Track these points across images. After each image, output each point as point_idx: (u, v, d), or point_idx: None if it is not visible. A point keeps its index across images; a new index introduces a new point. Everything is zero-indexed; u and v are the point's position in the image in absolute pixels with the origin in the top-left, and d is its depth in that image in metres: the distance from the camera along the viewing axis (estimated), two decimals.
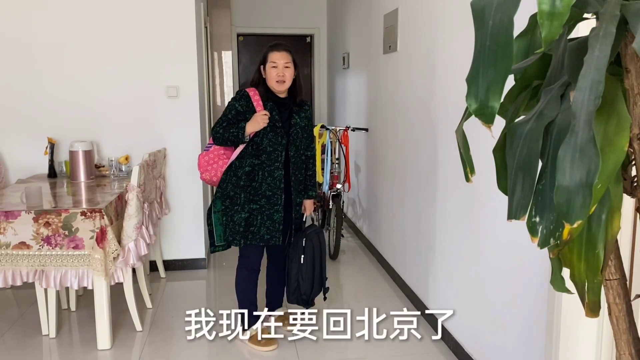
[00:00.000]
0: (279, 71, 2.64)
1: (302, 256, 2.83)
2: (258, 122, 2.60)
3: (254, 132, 2.62)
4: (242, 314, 2.84)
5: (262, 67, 2.70)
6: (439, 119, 2.87)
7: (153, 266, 3.89)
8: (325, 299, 3.02)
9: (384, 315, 3.23)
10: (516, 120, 0.98)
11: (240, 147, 2.68)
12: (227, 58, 5.56)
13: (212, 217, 2.73)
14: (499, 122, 1.08)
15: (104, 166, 3.68)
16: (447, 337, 2.81)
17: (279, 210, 2.71)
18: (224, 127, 2.64)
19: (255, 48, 6.45)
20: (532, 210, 0.91)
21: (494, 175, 1.09)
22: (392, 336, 2.94)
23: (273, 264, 2.97)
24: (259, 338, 2.82)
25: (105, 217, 2.64)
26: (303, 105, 2.80)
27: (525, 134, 0.91)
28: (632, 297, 1.04)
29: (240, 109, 2.65)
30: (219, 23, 5.44)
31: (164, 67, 3.76)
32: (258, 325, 2.86)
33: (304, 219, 2.96)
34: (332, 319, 3.18)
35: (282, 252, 2.89)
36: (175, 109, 3.82)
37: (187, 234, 3.99)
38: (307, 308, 2.86)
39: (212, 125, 2.84)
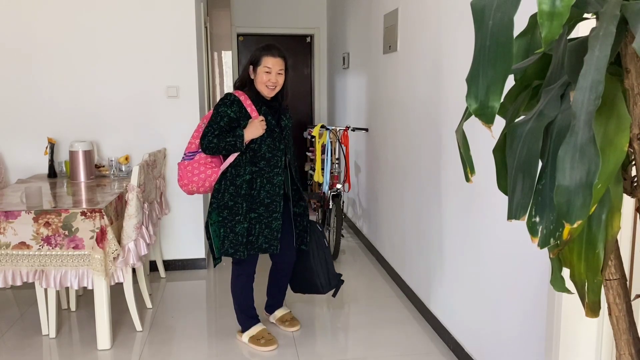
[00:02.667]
0: (272, 77, 2.58)
1: (324, 239, 2.93)
2: (257, 128, 2.53)
3: (250, 139, 2.56)
4: (242, 317, 2.85)
5: (251, 67, 2.63)
6: (439, 119, 2.87)
7: (153, 266, 3.89)
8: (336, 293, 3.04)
9: (384, 315, 3.24)
10: (516, 120, 0.98)
11: (234, 155, 2.59)
12: (227, 58, 5.56)
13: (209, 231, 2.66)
14: (499, 122, 1.08)
15: (104, 166, 3.68)
16: (447, 337, 2.81)
17: (277, 218, 2.66)
18: (218, 136, 2.53)
19: (255, 48, 6.45)
20: (532, 210, 0.91)
21: (494, 175, 1.09)
22: (392, 336, 2.95)
23: (277, 266, 2.93)
24: (259, 338, 2.82)
25: (105, 217, 2.64)
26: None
27: (525, 134, 0.91)
28: (632, 297, 1.04)
29: (233, 115, 2.55)
30: (219, 23, 5.44)
31: (164, 66, 3.76)
32: (258, 326, 2.86)
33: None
34: (332, 318, 3.19)
35: (287, 255, 2.87)
36: (175, 109, 3.82)
37: (187, 234, 3.99)
38: (337, 292, 2.97)
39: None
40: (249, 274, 2.80)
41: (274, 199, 2.64)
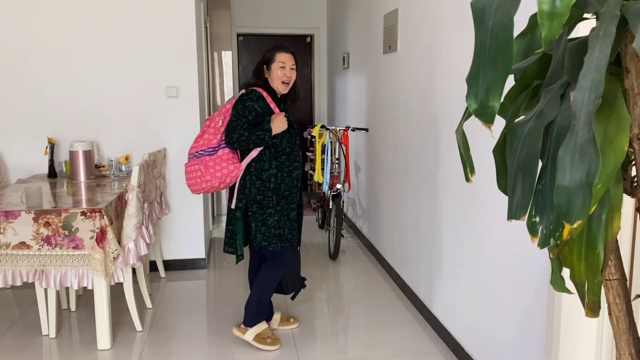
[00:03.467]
0: (287, 72, 2.65)
1: (298, 246, 2.97)
2: (282, 123, 2.60)
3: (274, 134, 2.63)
4: (257, 311, 2.82)
5: (265, 67, 2.68)
6: (439, 119, 2.87)
7: (153, 266, 3.89)
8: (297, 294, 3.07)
9: (384, 315, 3.24)
10: (516, 120, 0.98)
11: (257, 150, 2.63)
12: (227, 58, 5.56)
13: (236, 226, 2.68)
14: (499, 122, 1.08)
15: (104, 166, 3.68)
16: (447, 337, 2.81)
17: (294, 209, 2.75)
18: (248, 130, 2.57)
19: (255, 48, 6.45)
20: (532, 210, 0.91)
21: (494, 175, 1.09)
22: (392, 336, 2.95)
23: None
24: (265, 337, 2.82)
25: (105, 217, 2.64)
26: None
27: (525, 134, 0.91)
28: (632, 297, 1.04)
29: (259, 110, 2.60)
30: (219, 23, 5.44)
31: (164, 67, 3.76)
32: (263, 324, 2.86)
33: None
34: (332, 318, 3.19)
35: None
36: (175, 109, 3.82)
37: (187, 234, 3.99)
38: (296, 295, 3.01)
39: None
40: (286, 266, 2.79)
41: (292, 191, 2.72)
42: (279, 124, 2.60)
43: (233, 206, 2.69)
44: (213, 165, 2.62)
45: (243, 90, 2.70)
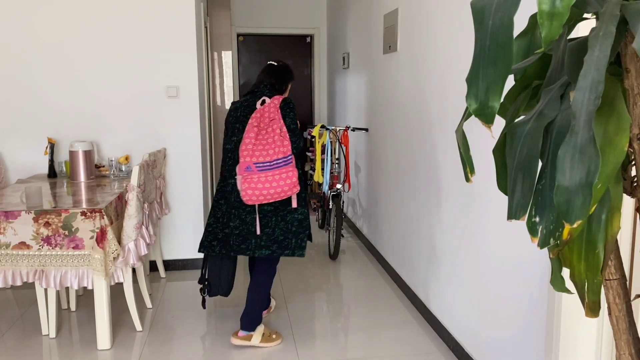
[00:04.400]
0: None
1: None
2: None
3: None
4: (260, 312, 2.82)
5: (288, 82, 2.90)
6: (439, 119, 2.87)
7: (153, 266, 3.89)
8: None
9: (383, 315, 3.24)
10: (516, 120, 0.98)
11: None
12: (227, 58, 5.56)
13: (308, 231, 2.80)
14: (499, 122, 1.08)
15: (104, 166, 3.68)
16: (447, 337, 2.81)
17: None
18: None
19: (255, 48, 6.45)
20: (532, 210, 0.91)
21: (494, 175, 1.09)
22: (392, 336, 2.95)
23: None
24: (269, 335, 2.85)
25: (105, 217, 2.64)
26: None
27: (525, 134, 0.91)
28: (632, 297, 1.04)
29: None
30: (219, 23, 5.44)
31: (164, 67, 3.76)
32: (261, 325, 2.86)
33: None
34: (332, 318, 3.19)
35: None
36: (175, 109, 3.82)
37: (187, 234, 3.99)
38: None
39: (294, 138, 2.67)
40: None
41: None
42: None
43: (295, 205, 2.72)
44: (295, 171, 2.63)
45: (279, 96, 2.71)
